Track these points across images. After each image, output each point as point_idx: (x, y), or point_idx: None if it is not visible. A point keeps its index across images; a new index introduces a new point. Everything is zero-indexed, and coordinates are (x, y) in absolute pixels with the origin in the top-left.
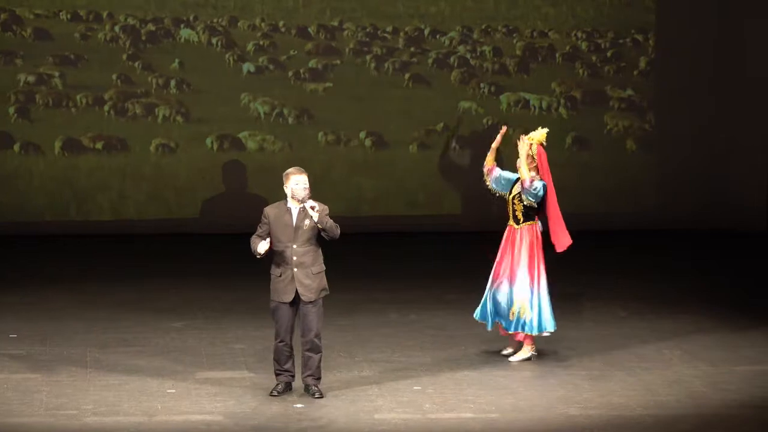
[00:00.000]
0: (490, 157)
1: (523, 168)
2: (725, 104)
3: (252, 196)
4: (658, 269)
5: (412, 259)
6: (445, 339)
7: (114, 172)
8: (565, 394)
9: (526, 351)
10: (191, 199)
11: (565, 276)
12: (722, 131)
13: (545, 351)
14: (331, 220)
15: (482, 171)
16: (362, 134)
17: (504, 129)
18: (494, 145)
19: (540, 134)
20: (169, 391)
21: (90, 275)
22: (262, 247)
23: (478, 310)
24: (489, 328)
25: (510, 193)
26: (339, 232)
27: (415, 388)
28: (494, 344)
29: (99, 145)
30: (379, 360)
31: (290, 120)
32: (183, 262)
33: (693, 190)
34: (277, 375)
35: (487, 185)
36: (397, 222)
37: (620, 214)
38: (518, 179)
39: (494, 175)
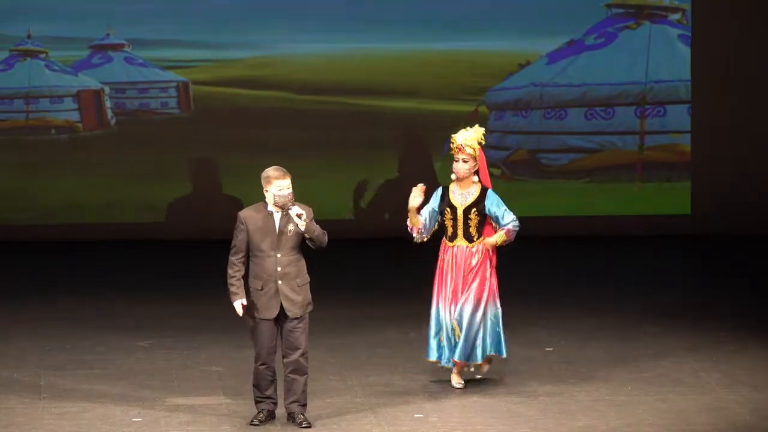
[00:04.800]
0: (414, 219)
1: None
2: None
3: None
4: (694, 279)
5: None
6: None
7: None
8: (588, 423)
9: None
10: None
11: (585, 286)
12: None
13: (564, 372)
14: (318, 226)
15: (411, 234)
16: None
17: (422, 187)
18: (413, 205)
19: (478, 133)
20: (135, 419)
21: (38, 287)
22: (237, 305)
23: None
24: (449, 363)
25: (450, 209)
26: (327, 239)
27: (416, 416)
28: (505, 366)
29: None
30: (375, 384)
31: None
32: (147, 273)
33: (737, 189)
34: (257, 403)
35: (421, 241)
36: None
37: (650, 216)
38: (440, 203)
39: (423, 227)
